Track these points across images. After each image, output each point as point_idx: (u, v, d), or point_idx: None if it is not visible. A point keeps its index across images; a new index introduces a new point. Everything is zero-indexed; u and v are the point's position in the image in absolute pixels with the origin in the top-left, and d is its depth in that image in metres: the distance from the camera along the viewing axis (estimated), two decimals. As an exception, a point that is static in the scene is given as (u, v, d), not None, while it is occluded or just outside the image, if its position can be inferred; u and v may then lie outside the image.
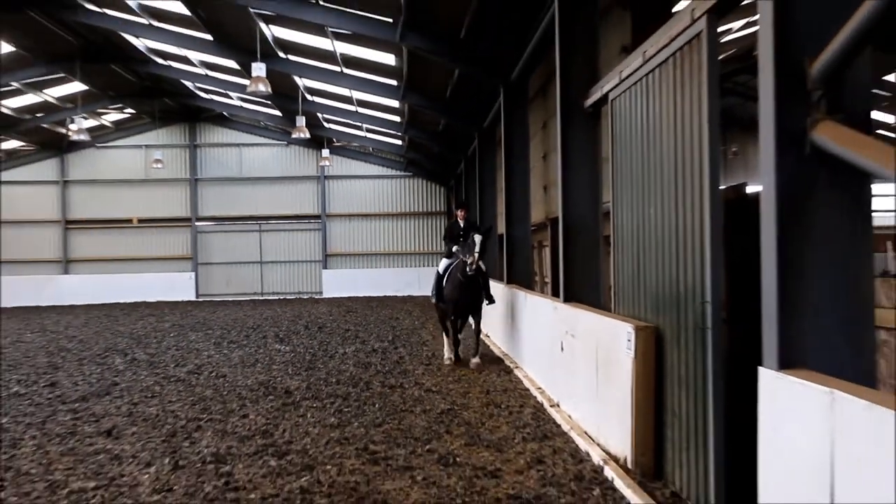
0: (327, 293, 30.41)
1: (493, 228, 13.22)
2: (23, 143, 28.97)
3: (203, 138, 30.95)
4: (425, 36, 12.93)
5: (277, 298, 30.07)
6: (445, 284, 11.62)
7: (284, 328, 17.94)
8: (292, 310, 23.96)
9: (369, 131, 26.20)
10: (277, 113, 25.68)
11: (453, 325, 11.65)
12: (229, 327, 18.45)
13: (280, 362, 12.35)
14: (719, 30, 5.18)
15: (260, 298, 30.16)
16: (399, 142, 26.75)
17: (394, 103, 19.96)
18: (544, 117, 15.11)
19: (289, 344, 14.82)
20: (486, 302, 11.65)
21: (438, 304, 12.13)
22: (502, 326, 13.01)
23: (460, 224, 11.73)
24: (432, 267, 27.89)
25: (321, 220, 30.96)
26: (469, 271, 10.85)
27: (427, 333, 16.08)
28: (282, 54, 17.52)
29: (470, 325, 11.85)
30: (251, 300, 29.53)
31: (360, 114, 23.05)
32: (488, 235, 11.27)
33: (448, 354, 11.88)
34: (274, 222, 30.96)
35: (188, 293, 30.25)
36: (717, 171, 4.81)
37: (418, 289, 29.34)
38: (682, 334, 5.26)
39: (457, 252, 11.44)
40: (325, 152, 28.63)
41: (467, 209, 12.32)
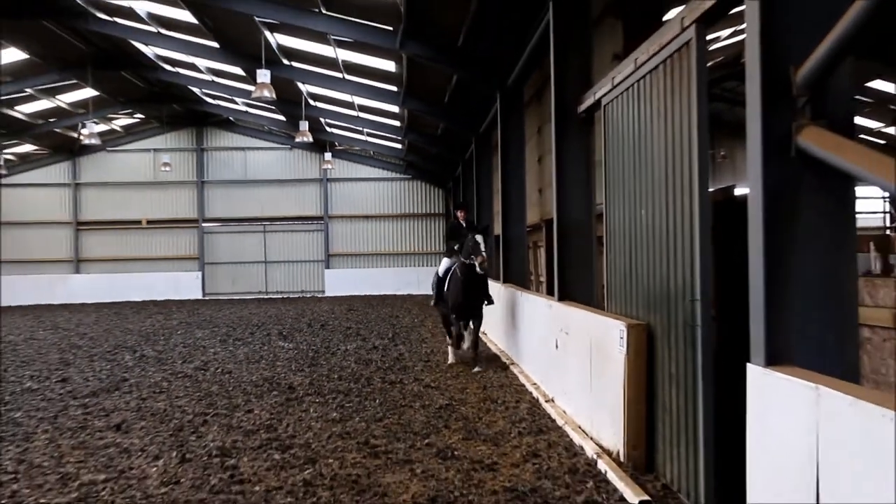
0: (329, 292, 30.38)
1: (490, 226, 12.97)
2: (36, 147, 28.97)
3: (210, 142, 30.91)
4: (424, 43, 12.92)
5: (281, 297, 30.03)
6: (447, 286, 11.22)
7: (288, 326, 17.94)
8: (295, 308, 23.95)
9: (370, 135, 26.19)
10: (281, 118, 25.65)
11: (457, 327, 11.21)
12: (235, 325, 18.44)
13: (284, 359, 12.35)
14: (708, 38, 5.18)
15: (264, 297, 30.12)
16: (399, 145, 26.75)
17: (394, 108, 19.96)
18: (539, 122, 15.11)
19: (292, 341, 14.82)
20: (485, 303, 11.26)
21: (439, 306, 11.79)
22: (499, 324, 13.01)
23: (462, 224, 11.40)
24: (431, 267, 27.89)
25: (323, 222, 30.93)
26: (480, 270, 10.45)
27: (426, 331, 16.08)
28: (286, 61, 17.51)
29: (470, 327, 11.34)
30: (256, 299, 29.49)
31: (361, 118, 23.05)
32: (487, 233, 11.03)
33: (452, 359, 11.35)
34: (278, 223, 30.91)
35: (195, 292, 30.21)
36: (705, 174, 4.82)
37: (417, 288, 29.33)
38: (673, 332, 5.27)
39: (457, 251, 11.05)
40: (328, 156, 28.61)
41: (467, 210, 12.09)
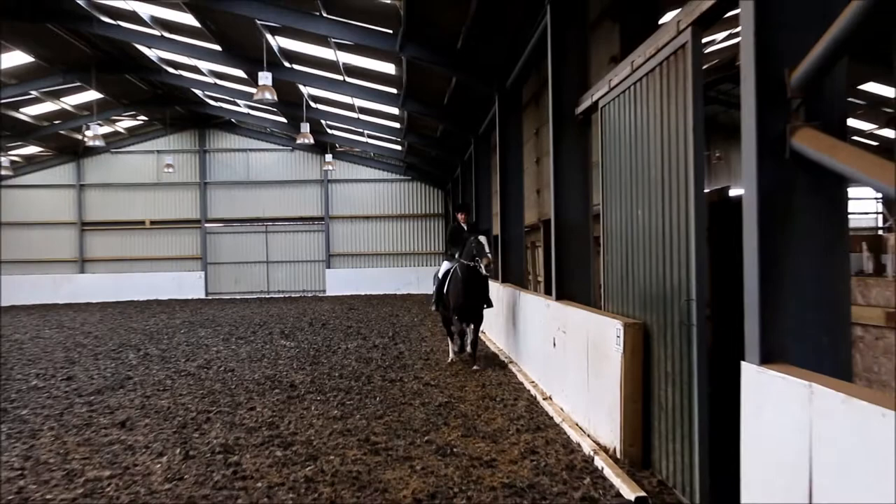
0: (330, 291, 30.35)
1: (490, 230, 12.66)
2: (41, 149, 28.93)
3: (212, 144, 30.87)
4: (424, 46, 12.91)
5: (283, 296, 30.01)
6: (448, 287, 10.98)
7: (289, 325, 17.92)
8: (297, 307, 23.94)
9: (370, 137, 26.17)
10: (283, 120, 25.64)
11: (458, 330, 10.95)
12: (237, 324, 18.42)
13: (285, 357, 12.34)
14: (703, 41, 5.18)
15: (266, 296, 30.09)
16: (399, 147, 26.73)
17: (394, 110, 19.95)
18: (537, 124, 15.10)
19: (294, 340, 14.80)
20: (485, 305, 11.00)
21: (439, 309, 11.52)
22: (497, 323, 13.00)
23: (464, 227, 11.14)
24: (430, 267, 27.94)
25: (324, 222, 30.90)
26: (486, 272, 10.22)
27: (426, 330, 16.07)
28: (287, 64, 17.50)
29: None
30: (258, 298, 29.47)
31: (361, 120, 23.03)
32: (489, 234, 10.81)
33: (452, 357, 11.28)
34: (279, 224, 30.88)
35: (198, 291, 30.18)
36: (701, 175, 4.81)
37: (417, 288, 29.31)
38: (669, 330, 5.26)
39: (458, 256, 10.79)
40: (329, 157, 28.56)
41: (467, 212, 11.78)
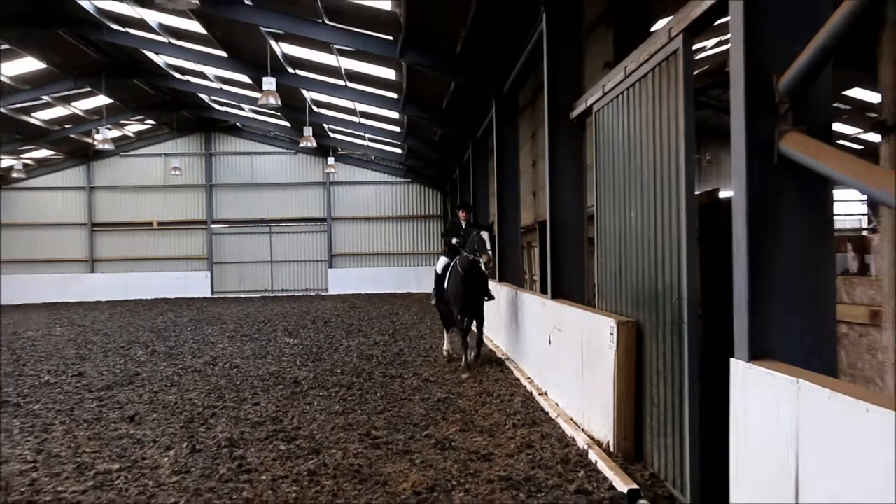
0: (332, 290, 30.32)
1: (492, 225, 12.23)
2: (53, 152, 28.92)
3: (218, 147, 30.86)
4: (423, 52, 12.90)
5: (286, 295, 29.98)
6: (447, 283, 10.75)
7: (293, 323, 17.92)
8: (300, 306, 23.93)
9: (371, 140, 26.15)
10: (286, 124, 25.62)
11: (460, 326, 10.56)
12: (242, 322, 18.42)
13: (289, 354, 12.34)
14: (694, 47, 5.19)
15: (270, 295, 30.06)
16: (399, 150, 26.71)
17: (394, 114, 19.93)
18: (533, 127, 15.12)
19: (297, 337, 14.80)
20: (486, 298, 10.82)
21: (439, 305, 11.32)
22: (494, 321, 12.99)
23: (462, 224, 10.97)
24: (430, 266, 27.84)
25: (327, 223, 30.89)
26: (485, 270, 9.99)
27: (425, 328, 16.07)
28: (290, 69, 17.48)
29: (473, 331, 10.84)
30: (262, 297, 29.44)
31: (362, 124, 23.02)
32: (492, 229, 10.55)
33: (446, 347, 11.38)
34: (283, 225, 30.86)
35: (204, 290, 30.15)
36: (692, 178, 4.82)
37: (417, 287, 29.28)
38: (660, 328, 5.27)
39: (457, 244, 10.60)
40: (331, 160, 28.57)
41: (469, 212, 11.42)
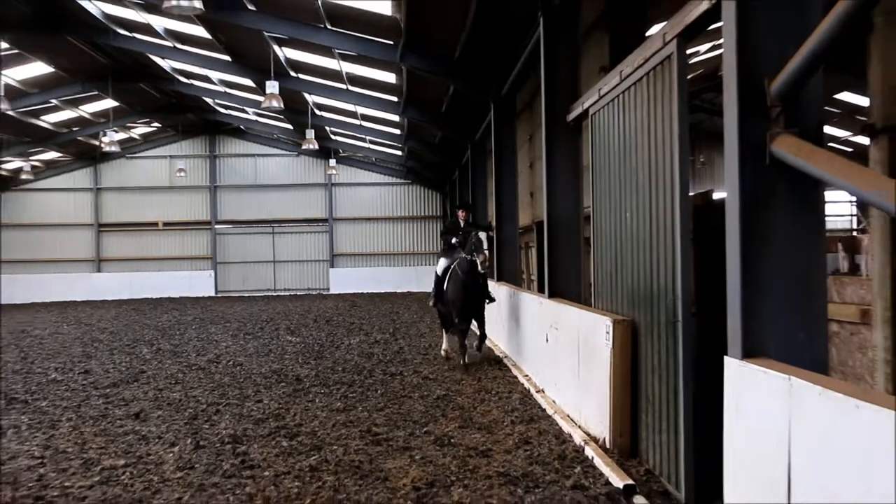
0: (334, 290, 30.31)
1: (491, 225, 12.13)
2: (60, 154, 28.94)
3: (222, 149, 30.84)
4: (423, 57, 12.90)
5: (289, 294, 29.97)
6: (447, 285, 10.42)
7: (295, 321, 17.90)
8: (302, 305, 23.91)
9: (372, 143, 26.14)
10: (289, 126, 25.61)
11: (458, 329, 10.26)
12: (245, 320, 18.39)
13: (291, 352, 12.32)
14: (688, 52, 5.18)
15: (273, 294, 30.05)
16: (399, 152, 26.70)
17: (394, 117, 19.93)
18: (530, 130, 15.13)
19: (299, 335, 14.78)
20: (486, 301, 10.59)
21: (438, 306, 10.96)
22: (492, 319, 12.97)
23: (461, 224, 10.73)
24: (429, 266, 27.84)
25: (328, 224, 30.88)
26: (482, 270, 9.74)
27: (425, 326, 16.05)
28: (293, 73, 17.47)
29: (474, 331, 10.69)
30: (265, 296, 29.42)
31: (363, 127, 23.01)
32: (491, 229, 10.36)
33: (445, 346, 10.93)
34: (286, 225, 30.85)
35: (208, 289, 30.13)
36: (686, 179, 4.81)
37: (416, 286, 29.24)
38: (655, 327, 5.26)
39: (457, 243, 10.33)
40: (332, 162, 28.55)
41: (468, 211, 11.24)
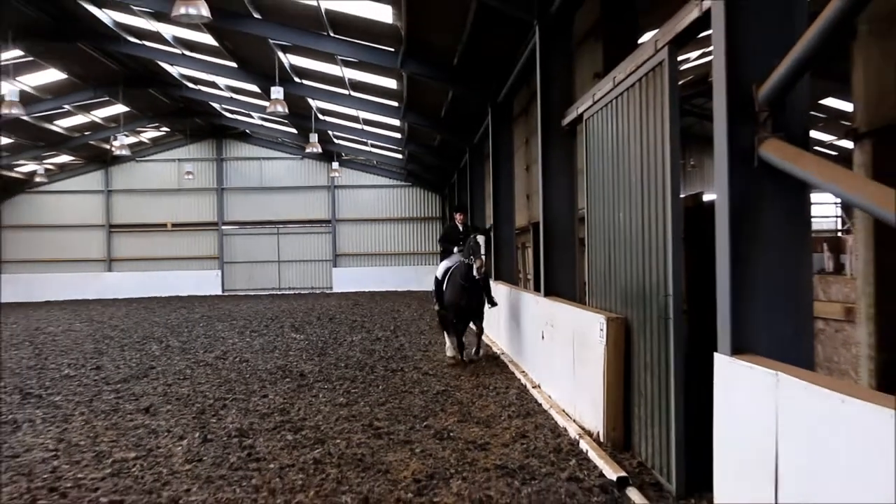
0: (337, 288, 30.31)
1: (490, 230, 11.85)
2: (73, 158, 28.95)
3: (228, 153, 30.85)
4: (423, 63, 12.92)
5: (293, 293, 29.95)
6: (446, 289, 10.10)
7: (299, 319, 17.89)
8: (306, 303, 23.90)
9: (374, 146, 26.15)
10: (293, 130, 25.63)
11: (456, 330, 10.07)
12: (251, 318, 18.39)
13: (295, 349, 12.32)
14: (679, 59, 5.19)
15: (278, 293, 30.04)
16: (399, 155, 26.71)
17: (395, 122, 19.94)
18: (527, 134, 15.12)
19: (303, 333, 14.78)
20: (489, 305, 10.25)
21: (439, 310, 10.58)
22: (490, 318, 12.97)
23: (459, 228, 10.40)
24: (429, 266, 27.89)
25: (331, 225, 30.88)
26: (477, 275, 9.40)
27: (425, 324, 16.05)
28: (297, 79, 17.48)
29: (472, 329, 10.48)
30: (270, 294, 29.42)
31: (365, 131, 23.01)
32: (489, 234, 10.19)
33: (450, 353, 10.17)
34: (290, 226, 30.84)
35: (215, 288, 30.14)
36: (677, 182, 4.82)
37: (417, 285, 29.23)
38: (648, 324, 5.27)
39: (458, 253, 10.01)
40: (335, 165, 28.57)
41: (465, 214, 10.97)
